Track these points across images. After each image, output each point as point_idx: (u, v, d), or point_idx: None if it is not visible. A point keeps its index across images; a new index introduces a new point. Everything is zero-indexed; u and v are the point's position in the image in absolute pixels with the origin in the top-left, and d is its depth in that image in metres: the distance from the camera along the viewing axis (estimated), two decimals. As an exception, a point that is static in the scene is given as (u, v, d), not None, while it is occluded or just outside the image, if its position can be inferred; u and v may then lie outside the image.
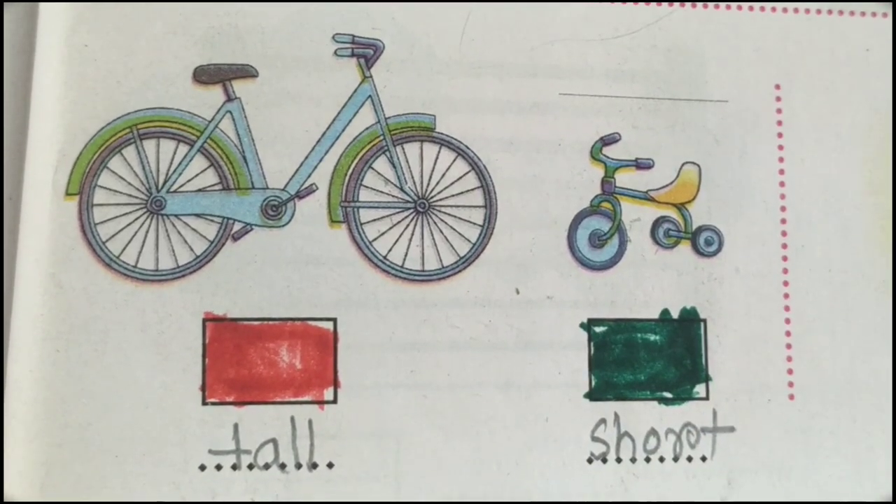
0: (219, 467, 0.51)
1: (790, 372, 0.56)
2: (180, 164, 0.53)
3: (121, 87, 0.53)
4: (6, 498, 0.49)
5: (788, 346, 0.56)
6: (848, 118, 0.58)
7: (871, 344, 0.56)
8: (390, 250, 0.53)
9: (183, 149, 0.53)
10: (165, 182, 0.53)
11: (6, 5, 0.52)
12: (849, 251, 0.57)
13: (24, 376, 0.50)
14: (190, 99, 0.53)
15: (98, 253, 0.51)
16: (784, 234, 0.57)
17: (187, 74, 0.53)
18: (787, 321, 0.56)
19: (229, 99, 0.53)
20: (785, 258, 0.57)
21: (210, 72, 0.53)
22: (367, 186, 0.54)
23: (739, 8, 0.58)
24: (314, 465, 0.52)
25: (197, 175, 0.53)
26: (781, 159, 0.57)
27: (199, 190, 0.53)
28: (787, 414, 0.55)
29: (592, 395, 0.54)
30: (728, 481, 0.55)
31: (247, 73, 0.53)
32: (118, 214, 0.52)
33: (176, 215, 0.53)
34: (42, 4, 0.52)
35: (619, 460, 0.54)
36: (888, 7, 0.59)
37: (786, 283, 0.56)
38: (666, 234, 0.56)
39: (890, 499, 0.55)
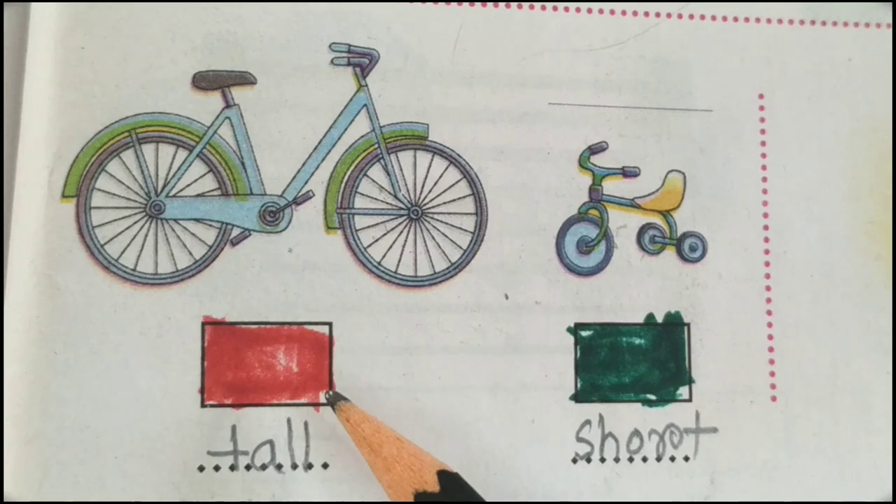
0: (217, 468, 0.51)
1: (772, 374, 0.56)
2: (179, 168, 0.53)
3: (119, 91, 0.52)
4: (5, 498, 0.49)
5: (771, 350, 0.56)
6: (830, 127, 0.58)
7: (851, 346, 0.57)
8: (384, 256, 0.54)
9: (182, 154, 0.53)
10: (164, 186, 0.53)
11: (4, 5, 0.52)
12: (830, 256, 0.58)
13: (20, 377, 0.50)
14: (189, 105, 0.53)
15: (96, 255, 0.51)
16: (766, 240, 0.57)
17: (186, 80, 0.53)
18: (770, 325, 0.57)
19: (228, 105, 0.53)
20: (767, 263, 0.57)
21: (209, 78, 0.53)
22: (362, 193, 0.54)
23: (724, 20, 0.58)
24: (310, 466, 0.52)
25: (196, 180, 0.53)
26: (764, 167, 0.58)
27: (199, 195, 0.53)
28: (770, 415, 0.56)
29: (578, 397, 0.55)
30: (711, 480, 0.55)
31: (245, 80, 0.53)
32: (117, 218, 0.52)
33: (175, 219, 0.52)
34: (34, 4, 0.52)
35: (602, 460, 0.55)
36: (871, 18, 0.59)
37: (768, 288, 0.57)
38: (651, 241, 0.56)
39: (890, 499, 0.56)
